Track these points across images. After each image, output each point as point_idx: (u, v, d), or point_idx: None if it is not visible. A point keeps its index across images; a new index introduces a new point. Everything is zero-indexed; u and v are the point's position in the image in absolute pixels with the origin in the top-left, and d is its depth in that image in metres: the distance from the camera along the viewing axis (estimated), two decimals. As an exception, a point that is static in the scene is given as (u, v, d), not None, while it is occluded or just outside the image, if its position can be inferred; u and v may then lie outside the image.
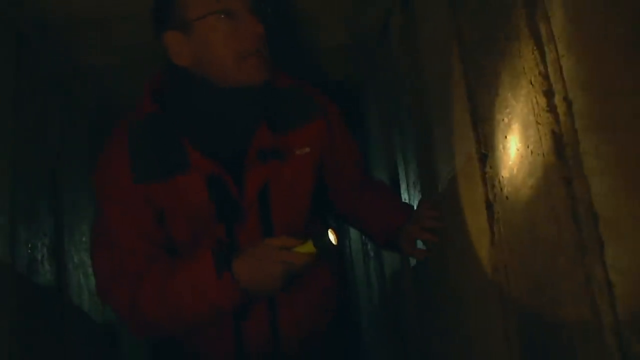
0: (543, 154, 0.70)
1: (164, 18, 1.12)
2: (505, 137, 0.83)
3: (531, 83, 0.70)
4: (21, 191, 1.33)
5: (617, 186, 0.54)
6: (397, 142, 1.76)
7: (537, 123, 0.70)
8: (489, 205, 0.93)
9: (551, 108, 0.66)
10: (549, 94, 0.66)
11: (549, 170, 0.69)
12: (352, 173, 1.37)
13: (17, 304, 1.23)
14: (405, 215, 1.30)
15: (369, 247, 2.42)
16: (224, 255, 1.05)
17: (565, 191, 0.64)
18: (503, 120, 0.83)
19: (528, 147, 0.75)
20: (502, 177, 0.86)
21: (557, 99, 0.64)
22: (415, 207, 1.36)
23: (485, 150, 0.93)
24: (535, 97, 0.70)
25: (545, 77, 0.67)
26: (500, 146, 0.86)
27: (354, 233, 2.88)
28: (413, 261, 1.54)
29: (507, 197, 0.85)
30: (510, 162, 0.82)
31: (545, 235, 0.71)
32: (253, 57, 1.09)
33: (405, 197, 1.64)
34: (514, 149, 0.80)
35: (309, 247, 1.02)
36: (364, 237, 2.26)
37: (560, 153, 0.65)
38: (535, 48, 0.69)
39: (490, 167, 0.92)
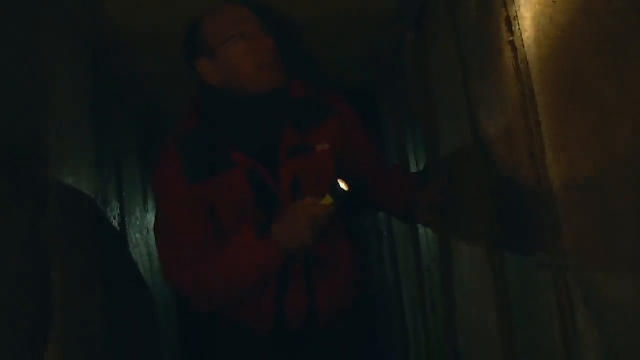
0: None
1: (192, 48, 1.39)
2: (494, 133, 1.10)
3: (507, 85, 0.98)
4: (100, 180, 1.62)
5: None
6: (409, 140, 2.04)
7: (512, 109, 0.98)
8: (489, 190, 1.21)
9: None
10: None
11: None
12: (369, 161, 1.56)
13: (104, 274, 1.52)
14: (417, 189, 1.49)
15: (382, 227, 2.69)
16: (263, 224, 1.28)
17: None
18: (494, 124, 1.11)
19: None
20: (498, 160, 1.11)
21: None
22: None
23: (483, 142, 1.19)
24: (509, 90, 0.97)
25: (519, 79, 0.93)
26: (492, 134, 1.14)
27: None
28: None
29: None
30: (502, 150, 1.10)
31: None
32: (268, 67, 1.33)
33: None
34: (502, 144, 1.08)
35: (326, 200, 1.25)
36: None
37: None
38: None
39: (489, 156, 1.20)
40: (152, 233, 1.68)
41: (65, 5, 1.43)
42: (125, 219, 1.87)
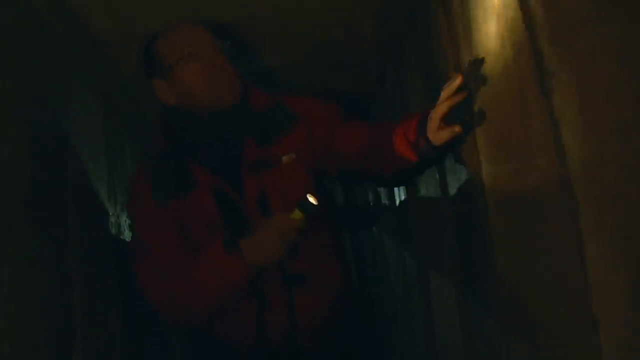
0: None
1: (149, 70, 1.34)
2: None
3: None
4: (113, 207, 1.80)
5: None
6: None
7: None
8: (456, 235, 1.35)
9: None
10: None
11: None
12: (362, 139, 1.33)
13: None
14: (420, 113, 1.14)
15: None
16: (232, 239, 1.23)
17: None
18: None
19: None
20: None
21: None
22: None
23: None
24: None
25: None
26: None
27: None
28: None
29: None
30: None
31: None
32: (221, 87, 1.28)
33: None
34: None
35: (296, 214, 1.19)
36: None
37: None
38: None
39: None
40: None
41: (87, 69, 1.67)
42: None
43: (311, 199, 1.19)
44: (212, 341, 1.44)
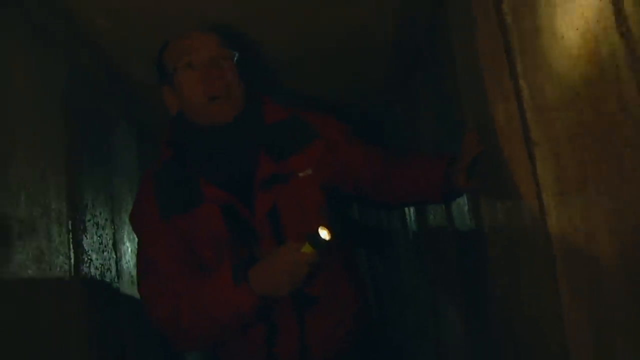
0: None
1: (159, 76, 1.33)
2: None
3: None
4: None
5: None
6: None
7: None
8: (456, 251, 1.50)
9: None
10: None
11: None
12: (371, 167, 1.36)
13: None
14: (444, 158, 1.26)
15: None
16: (242, 267, 1.15)
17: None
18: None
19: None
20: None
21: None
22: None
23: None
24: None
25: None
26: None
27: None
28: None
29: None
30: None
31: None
32: (218, 99, 1.23)
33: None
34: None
35: (306, 248, 1.10)
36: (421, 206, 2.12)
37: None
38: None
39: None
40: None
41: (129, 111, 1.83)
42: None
43: (323, 233, 1.09)
44: None
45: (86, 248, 1.42)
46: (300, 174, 1.27)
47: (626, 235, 0.60)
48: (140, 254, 1.29)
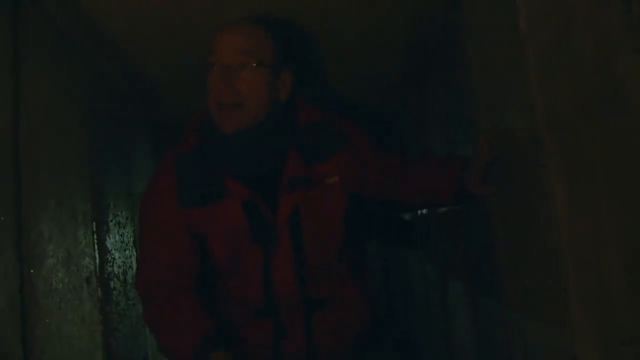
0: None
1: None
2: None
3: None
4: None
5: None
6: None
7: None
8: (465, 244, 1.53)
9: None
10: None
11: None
12: (392, 174, 1.36)
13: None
14: (458, 163, 1.27)
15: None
16: (205, 350, 1.12)
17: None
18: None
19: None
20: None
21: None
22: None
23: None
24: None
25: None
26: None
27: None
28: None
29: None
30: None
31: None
32: (225, 109, 1.18)
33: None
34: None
35: None
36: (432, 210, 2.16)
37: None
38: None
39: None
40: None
41: (147, 112, 1.87)
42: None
43: None
44: None
45: (109, 247, 1.47)
46: (327, 181, 1.26)
47: (632, 240, 0.63)
48: (144, 242, 1.25)
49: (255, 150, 1.23)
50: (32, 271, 1.00)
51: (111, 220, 1.53)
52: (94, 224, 1.37)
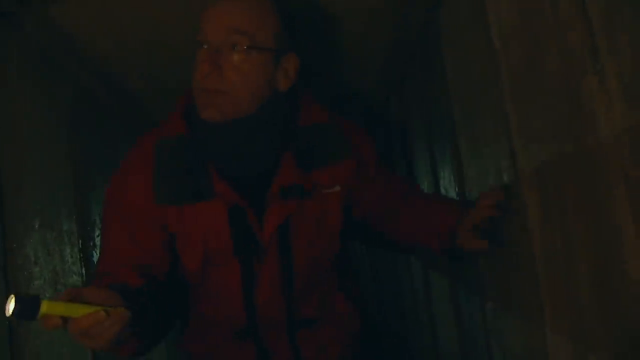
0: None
1: None
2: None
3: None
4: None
5: None
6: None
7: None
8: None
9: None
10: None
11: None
12: (389, 201, 1.24)
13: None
14: (458, 212, 1.12)
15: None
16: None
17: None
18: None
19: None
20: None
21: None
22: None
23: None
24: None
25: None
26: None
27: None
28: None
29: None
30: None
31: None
32: (206, 94, 1.00)
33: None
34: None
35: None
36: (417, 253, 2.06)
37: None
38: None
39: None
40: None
41: (130, 125, 1.87)
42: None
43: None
44: None
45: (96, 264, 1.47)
46: (326, 190, 1.10)
47: (599, 256, 0.66)
48: (105, 234, 1.05)
49: (240, 147, 1.05)
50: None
51: (97, 236, 1.53)
52: (80, 241, 1.37)
